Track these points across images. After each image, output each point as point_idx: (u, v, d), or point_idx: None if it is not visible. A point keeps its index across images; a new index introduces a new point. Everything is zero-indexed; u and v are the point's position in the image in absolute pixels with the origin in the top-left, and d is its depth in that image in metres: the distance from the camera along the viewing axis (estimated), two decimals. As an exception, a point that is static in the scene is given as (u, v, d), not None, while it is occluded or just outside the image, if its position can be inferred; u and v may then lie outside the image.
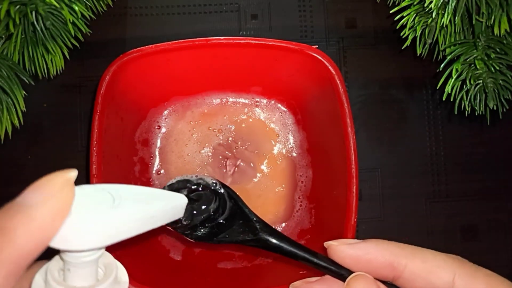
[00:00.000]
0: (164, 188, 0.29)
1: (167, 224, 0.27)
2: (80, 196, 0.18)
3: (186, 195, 0.26)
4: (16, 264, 0.15)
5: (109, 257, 0.20)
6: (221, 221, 0.28)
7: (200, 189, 0.29)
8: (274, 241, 0.26)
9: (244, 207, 0.29)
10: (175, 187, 0.29)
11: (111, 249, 0.20)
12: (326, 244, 0.24)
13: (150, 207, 0.21)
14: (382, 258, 0.22)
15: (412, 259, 0.22)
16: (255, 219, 0.28)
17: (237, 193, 0.30)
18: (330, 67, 0.34)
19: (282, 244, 0.26)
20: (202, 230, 0.28)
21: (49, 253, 0.18)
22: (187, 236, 0.28)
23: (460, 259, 0.22)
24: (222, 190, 0.29)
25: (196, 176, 0.30)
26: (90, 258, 0.18)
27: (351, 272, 0.23)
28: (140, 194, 0.21)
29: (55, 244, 0.17)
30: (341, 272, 0.23)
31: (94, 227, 0.17)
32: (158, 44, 0.34)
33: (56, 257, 0.19)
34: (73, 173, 0.17)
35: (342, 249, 0.23)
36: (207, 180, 0.30)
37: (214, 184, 0.29)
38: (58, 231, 0.17)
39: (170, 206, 0.24)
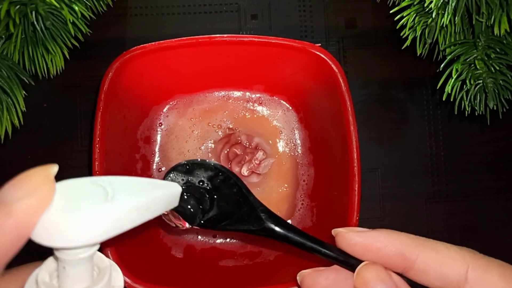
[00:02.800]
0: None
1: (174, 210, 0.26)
2: (72, 190, 0.18)
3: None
4: None
5: (104, 260, 0.20)
6: (223, 209, 0.27)
7: (193, 180, 0.28)
8: (280, 230, 0.26)
9: (249, 195, 0.28)
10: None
11: (113, 246, 0.19)
12: (334, 231, 0.23)
13: (144, 199, 0.20)
14: (393, 247, 0.21)
15: (424, 249, 0.21)
16: (260, 208, 0.27)
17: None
18: (332, 65, 0.34)
19: (288, 234, 0.25)
20: (204, 218, 0.27)
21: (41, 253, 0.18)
22: (190, 223, 0.28)
23: (472, 251, 0.21)
24: (219, 179, 0.28)
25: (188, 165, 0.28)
26: (86, 254, 0.18)
27: (359, 261, 0.22)
28: (133, 185, 0.21)
29: (50, 242, 0.16)
30: (350, 262, 0.23)
31: (89, 222, 0.17)
32: (161, 42, 0.34)
33: (47, 262, 0.19)
34: (53, 169, 0.17)
35: (352, 237, 0.22)
36: (197, 177, 0.28)
37: (207, 179, 0.28)
38: (42, 228, 0.16)
39: (164, 195, 0.23)
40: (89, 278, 0.18)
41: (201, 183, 0.28)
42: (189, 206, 0.26)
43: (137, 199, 0.20)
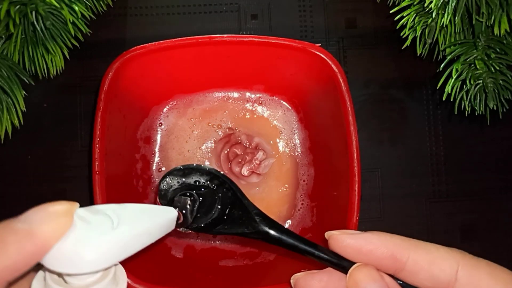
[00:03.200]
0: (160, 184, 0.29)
1: None
2: (82, 220, 0.19)
3: (188, 195, 0.26)
4: (1, 275, 0.16)
5: None
6: (218, 212, 0.28)
7: (196, 183, 0.29)
8: (274, 233, 0.26)
9: (243, 198, 0.28)
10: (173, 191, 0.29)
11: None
12: (327, 234, 0.23)
13: (147, 225, 0.22)
14: (385, 248, 0.22)
15: (415, 250, 0.21)
16: (254, 211, 0.27)
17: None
18: (333, 65, 0.34)
19: (282, 237, 0.25)
20: (200, 222, 0.28)
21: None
22: (185, 227, 0.28)
23: (461, 251, 0.22)
24: (214, 184, 0.29)
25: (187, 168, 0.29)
26: (93, 278, 0.19)
27: (352, 263, 0.23)
28: (136, 212, 0.22)
29: (61, 269, 0.18)
30: (343, 264, 0.23)
31: (99, 251, 0.18)
32: (161, 41, 0.34)
33: None
34: (75, 206, 0.18)
35: (344, 239, 0.22)
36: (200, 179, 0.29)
37: (207, 180, 0.29)
38: (53, 255, 0.17)
39: (164, 221, 0.24)
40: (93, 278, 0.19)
41: (196, 183, 0.28)
42: (184, 211, 0.27)
43: (139, 226, 0.21)
